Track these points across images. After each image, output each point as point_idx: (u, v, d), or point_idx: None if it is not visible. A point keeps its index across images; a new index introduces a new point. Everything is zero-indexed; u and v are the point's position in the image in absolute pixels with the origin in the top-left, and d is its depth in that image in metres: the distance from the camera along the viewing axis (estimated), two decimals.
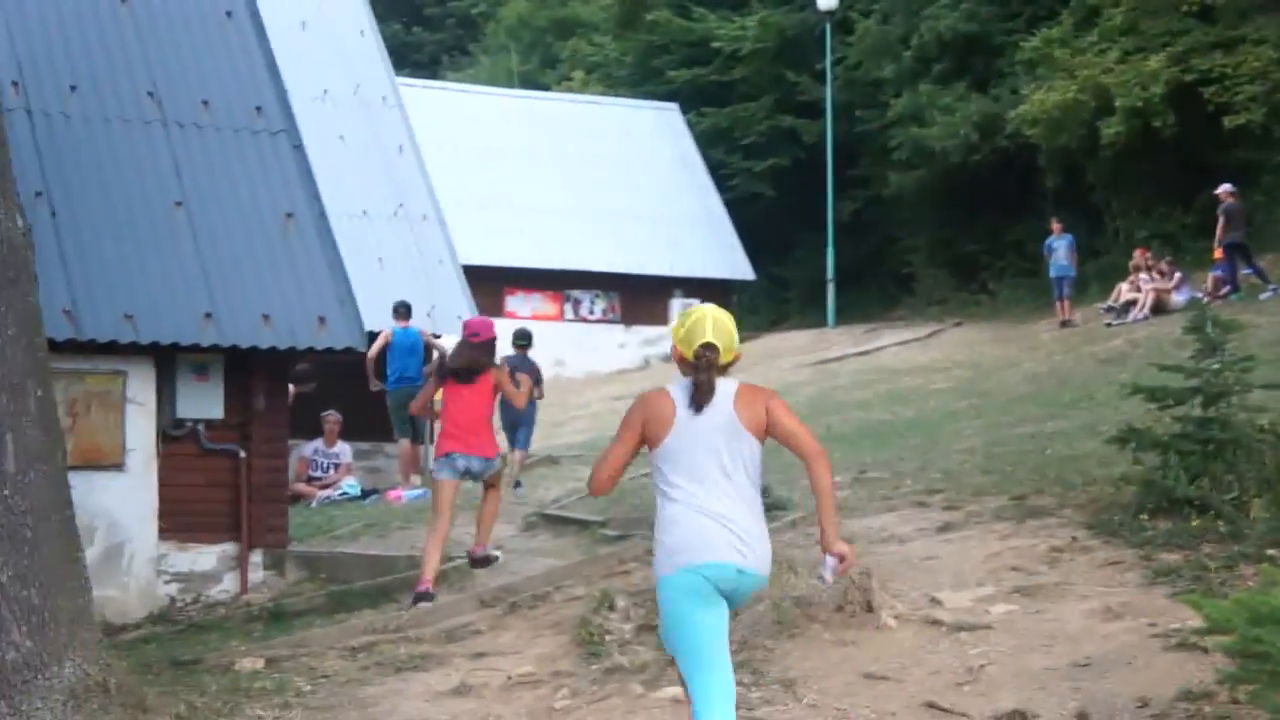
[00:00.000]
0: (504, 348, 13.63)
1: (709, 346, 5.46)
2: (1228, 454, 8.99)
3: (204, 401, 10.77)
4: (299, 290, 10.96)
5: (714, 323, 5.53)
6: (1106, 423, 12.85)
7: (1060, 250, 25.50)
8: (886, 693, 6.73)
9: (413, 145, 21.20)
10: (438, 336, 18.73)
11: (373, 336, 15.21)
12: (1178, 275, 23.83)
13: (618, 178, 37.28)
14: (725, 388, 5.51)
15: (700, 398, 5.46)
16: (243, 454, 10.87)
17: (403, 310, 16.93)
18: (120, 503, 10.21)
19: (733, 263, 36.85)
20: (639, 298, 35.63)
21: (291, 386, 16.18)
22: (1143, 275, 23.87)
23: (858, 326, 33.28)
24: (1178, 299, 22.71)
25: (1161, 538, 8.54)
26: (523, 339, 16.56)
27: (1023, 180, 31.87)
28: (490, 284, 31.69)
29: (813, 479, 5.68)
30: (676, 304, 35.72)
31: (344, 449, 16.78)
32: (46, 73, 11.29)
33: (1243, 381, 9.29)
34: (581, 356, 33.38)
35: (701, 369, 5.45)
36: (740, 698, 6.71)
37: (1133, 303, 23.71)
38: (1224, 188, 23.42)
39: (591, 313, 35.71)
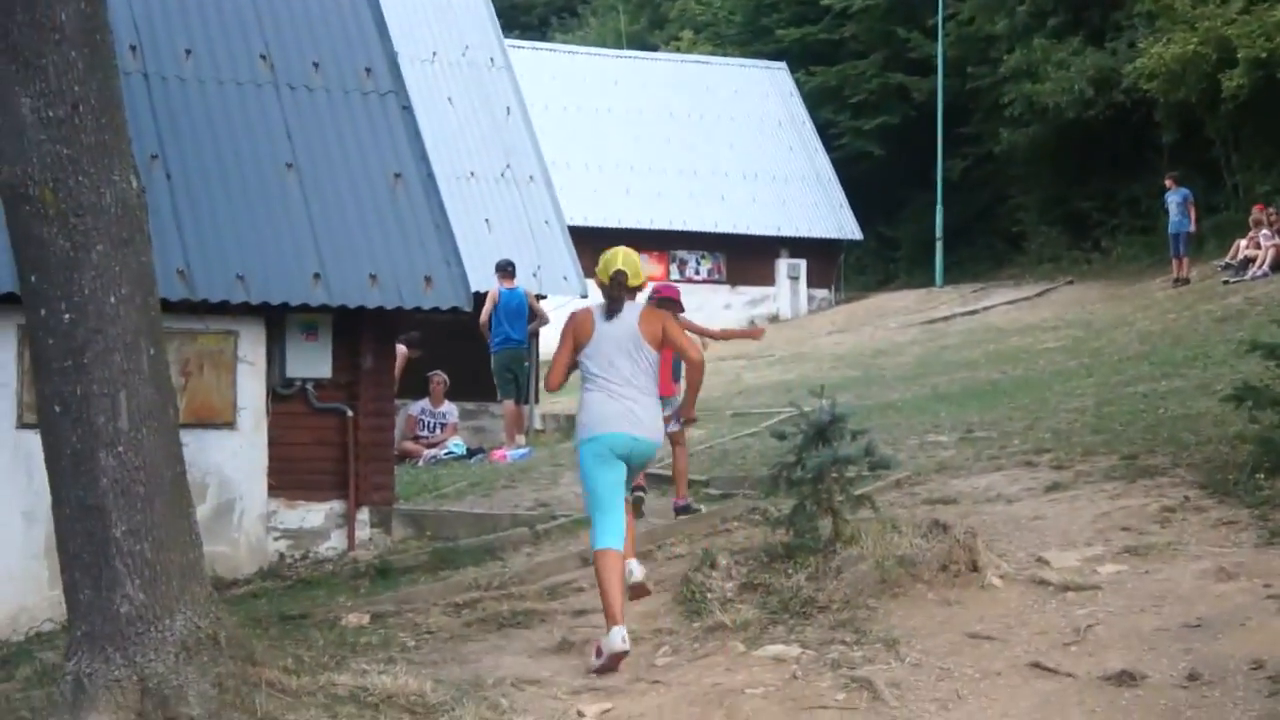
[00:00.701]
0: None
1: (619, 273, 7.44)
2: None
3: (313, 361, 10.90)
4: (406, 251, 11.04)
5: (624, 256, 7.53)
6: (1222, 382, 12.59)
7: (1173, 205, 24.94)
8: (991, 652, 6.65)
9: (520, 107, 21.30)
10: (542, 298, 18.84)
11: (479, 297, 15.32)
12: None
13: (725, 138, 37.18)
14: (631, 307, 7.51)
15: (611, 309, 7.44)
16: (350, 413, 10.99)
17: (509, 270, 17.00)
18: (231, 460, 10.39)
19: (840, 222, 36.61)
20: (745, 258, 35.56)
21: (403, 349, 16.45)
22: (1264, 231, 23.27)
23: (966, 286, 32.93)
24: None
25: (1278, 498, 8.35)
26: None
27: (1138, 136, 31.24)
28: (597, 244, 31.58)
29: (687, 375, 8.10)
30: (783, 264, 35.62)
31: (450, 409, 16.94)
32: (163, 36, 11.46)
33: None
34: (687, 317, 33.39)
35: (613, 288, 7.45)
36: (842, 656, 6.75)
37: (1251, 259, 23.15)
38: None
39: (697, 273, 35.70)
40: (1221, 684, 5.82)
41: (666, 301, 10.12)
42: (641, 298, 7.82)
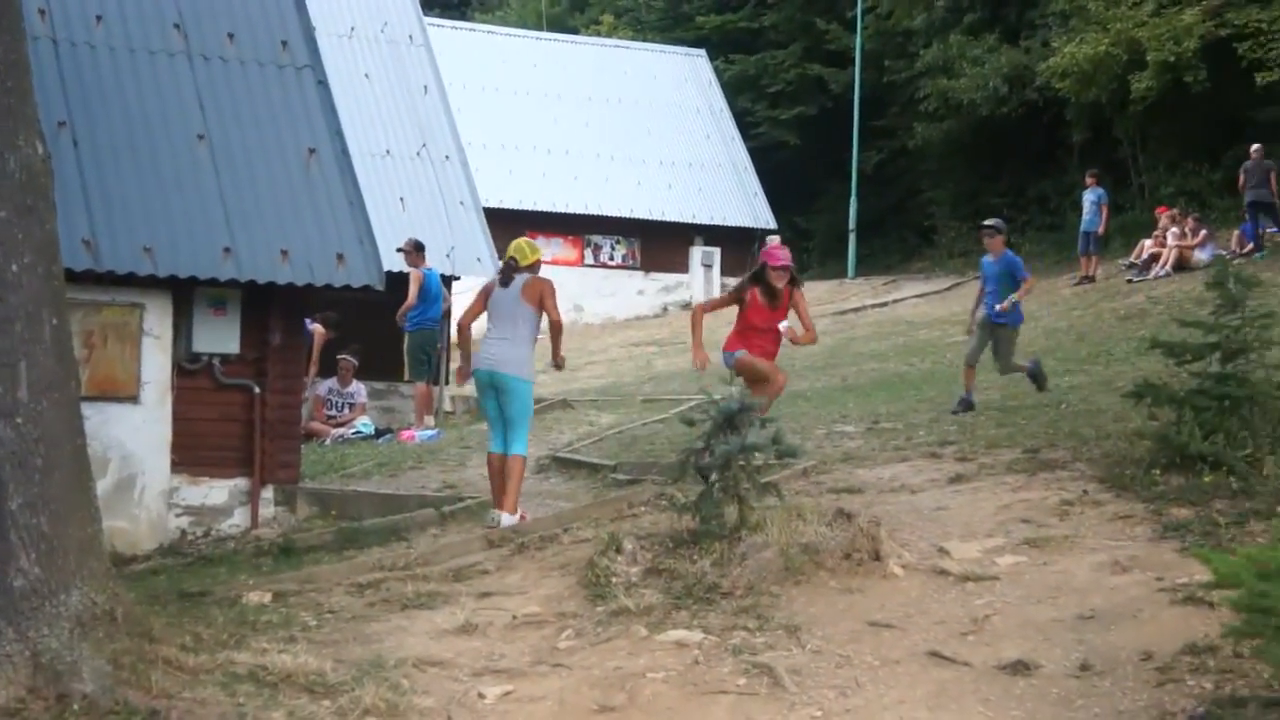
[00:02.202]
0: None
1: (510, 257, 9.99)
2: (1243, 410, 8.94)
3: (220, 336, 10.79)
4: (319, 227, 10.94)
5: (515, 246, 10.07)
6: (1123, 378, 12.82)
7: (1088, 203, 25.26)
8: (890, 641, 6.73)
9: (438, 86, 21.16)
10: (456, 279, 18.78)
11: (394, 276, 15.22)
12: (1203, 233, 23.64)
13: (643, 124, 37.18)
14: (520, 277, 9.92)
15: (504, 279, 10.00)
16: (257, 390, 10.89)
17: (422, 249, 16.84)
18: (134, 435, 10.26)
19: (755, 211, 36.76)
20: (659, 244, 35.62)
21: (320, 330, 16.31)
22: (1173, 230, 23.66)
23: (878, 278, 33.21)
24: (1200, 256, 22.58)
25: (1173, 493, 8.51)
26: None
27: (1049, 134, 31.66)
28: (511, 226, 31.45)
29: (552, 332, 10.09)
30: (697, 252, 35.71)
31: (359, 388, 16.83)
32: (73, 1, 11.24)
33: (1262, 338, 9.22)
34: (600, 302, 33.41)
35: (506, 267, 10.03)
36: (744, 642, 6.80)
37: (1155, 259, 23.55)
38: (1254, 146, 23.19)
39: (611, 258, 35.71)
40: (1112, 674, 5.94)
41: (781, 270, 10.67)
42: (522, 277, 9.97)
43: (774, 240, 10.84)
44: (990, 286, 13.75)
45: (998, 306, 13.52)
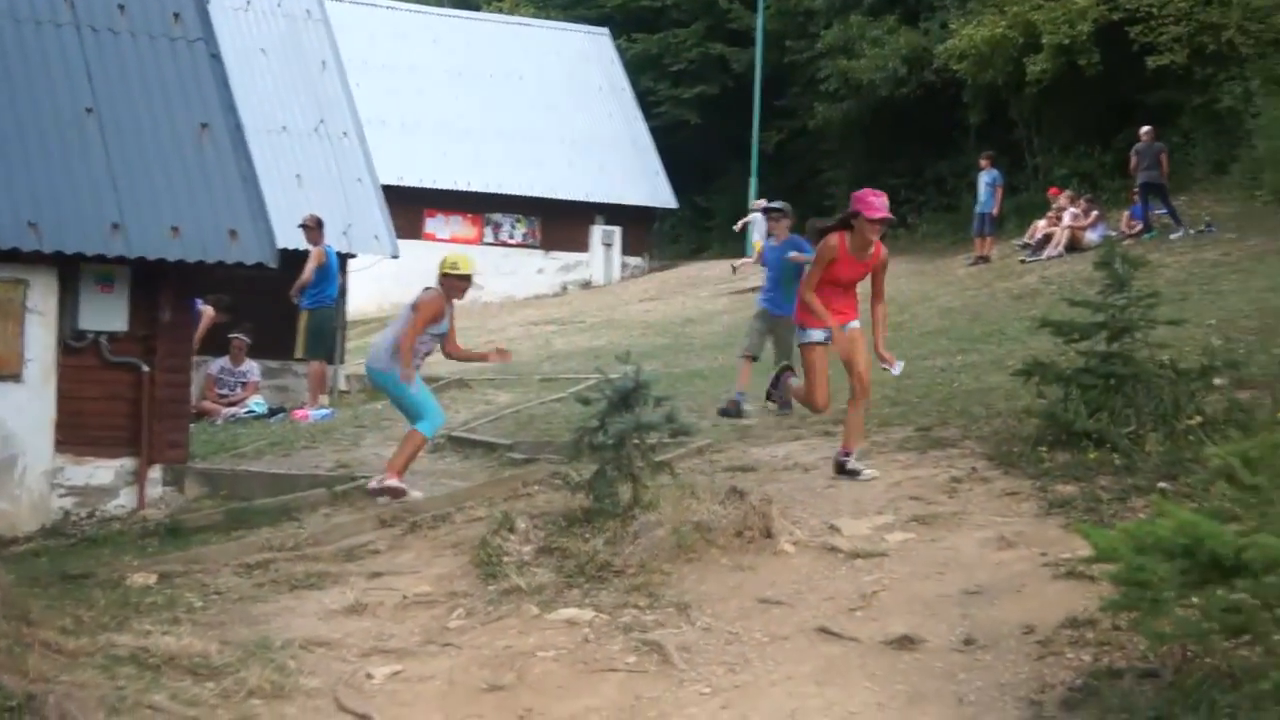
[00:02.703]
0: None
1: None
2: (1127, 389, 9.07)
3: (108, 313, 10.60)
4: (211, 203, 10.78)
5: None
6: (1015, 357, 12.95)
7: (983, 185, 25.55)
8: (780, 617, 6.77)
9: (336, 62, 20.90)
10: (353, 256, 18.59)
11: (291, 254, 15.03)
12: (1094, 213, 24.01)
13: (544, 102, 37.01)
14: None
15: None
16: (146, 368, 10.71)
17: (322, 226, 16.60)
18: (15, 413, 10.05)
19: (656, 190, 36.77)
20: (560, 223, 35.51)
21: (210, 310, 16.05)
22: (1069, 210, 24.01)
23: None
24: (1092, 237, 22.91)
25: (1059, 470, 8.63)
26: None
27: (947, 115, 31.92)
28: (410, 205, 31.46)
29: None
30: (598, 230, 35.67)
31: (252, 367, 16.61)
32: None
33: (1147, 318, 9.36)
34: (499, 280, 33.19)
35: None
36: (635, 620, 6.80)
37: (1048, 239, 23.89)
38: (1143, 129, 23.57)
39: (511, 237, 35.55)
40: (995, 648, 6.01)
41: (879, 223, 9.16)
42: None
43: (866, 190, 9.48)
44: (774, 274, 13.10)
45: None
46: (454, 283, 10.31)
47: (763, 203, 27.40)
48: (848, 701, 5.71)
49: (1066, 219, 23.90)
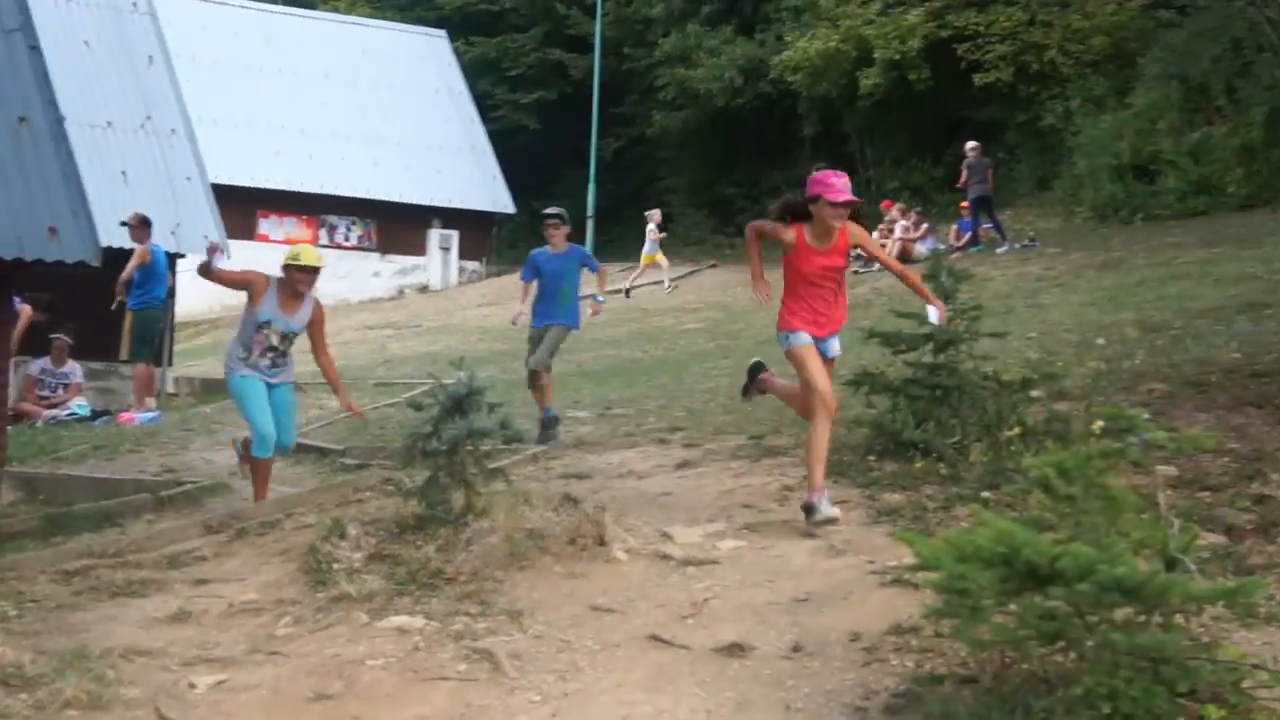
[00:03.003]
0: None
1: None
2: (953, 399, 9.29)
3: None
4: (29, 199, 10.41)
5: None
6: (846, 367, 13.15)
7: None
8: (611, 625, 6.77)
9: (164, 56, 20.45)
10: (181, 256, 18.19)
11: (114, 253, 14.65)
12: (924, 226, 24.56)
13: (381, 103, 36.70)
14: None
15: None
16: None
17: (148, 224, 16.22)
18: None
19: (493, 195, 36.67)
20: (396, 226, 35.22)
21: (28, 308, 15.56)
22: (900, 223, 24.52)
23: (615, 265, 33.42)
24: (921, 249, 23.43)
25: (886, 479, 8.79)
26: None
27: (783, 126, 32.41)
28: (243, 205, 30.92)
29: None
30: (435, 234, 35.43)
31: (74, 368, 16.17)
32: None
33: (971, 330, 9.58)
34: (334, 283, 32.73)
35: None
36: (466, 627, 6.75)
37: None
38: (970, 144, 24.18)
39: (347, 239, 35.15)
40: (822, 654, 6.09)
41: (842, 209, 8.35)
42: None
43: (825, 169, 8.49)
44: (552, 285, 12.30)
45: (591, 309, 12.63)
46: (295, 274, 9.86)
47: (658, 213, 27.53)
48: (677, 709, 5.74)
49: (898, 231, 24.42)
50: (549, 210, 13.24)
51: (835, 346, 8.61)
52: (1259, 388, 9.96)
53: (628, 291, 26.60)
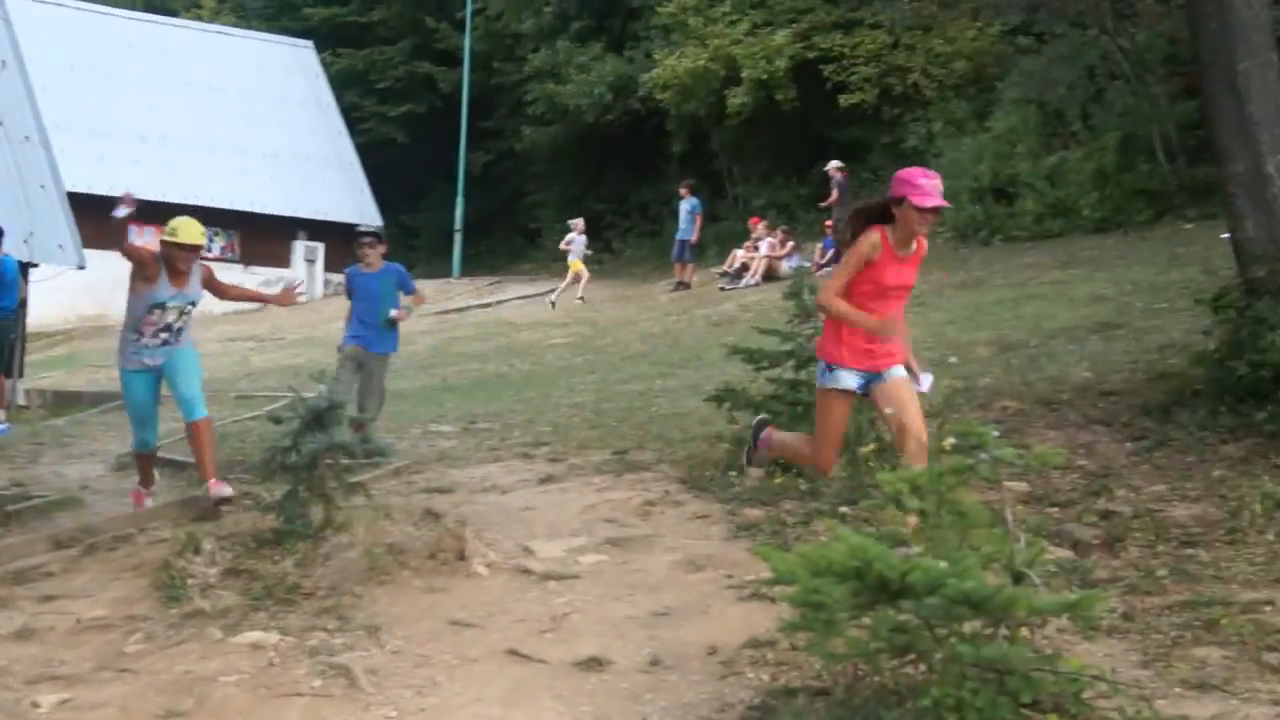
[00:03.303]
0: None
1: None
2: (813, 415, 9.38)
3: None
4: None
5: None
6: (711, 383, 13.27)
7: (683, 213, 26.17)
8: (470, 639, 6.74)
9: (17, 61, 19.92)
10: (34, 265, 17.76)
11: None
12: (790, 244, 24.86)
13: (246, 113, 36.21)
14: None
15: None
16: None
17: (0, 233, 15.81)
18: None
19: (361, 207, 36.35)
20: (261, 237, 34.76)
21: None
22: (766, 240, 24.78)
23: (483, 279, 33.36)
24: (786, 266, 23.69)
25: (748, 494, 8.87)
26: None
27: (652, 143, 32.60)
28: (101, 214, 30.17)
29: None
30: (300, 246, 35.03)
31: None
32: None
33: None
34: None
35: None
36: (323, 643, 6.67)
37: (746, 268, 24.61)
38: (833, 163, 24.52)
39: (210, 250, 34.54)
40: (680, 668, 6.12)
41: (932, 214, 7.28)
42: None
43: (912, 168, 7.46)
44: (369, 306, 11.81)
45: (393, 313, 11.81)
46: (174, 252, 9.28)
47: (581, 222, 27.36)
48: None
49: (764, 248, 24.68)
50: (364, 228, 12.64)
51: (899, 369, 7.35)
52: (1108, 406, 10.23)
53: (553, 303, 26.38)
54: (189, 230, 9.38)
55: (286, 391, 13.00)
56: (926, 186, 7.08)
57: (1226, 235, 10.42)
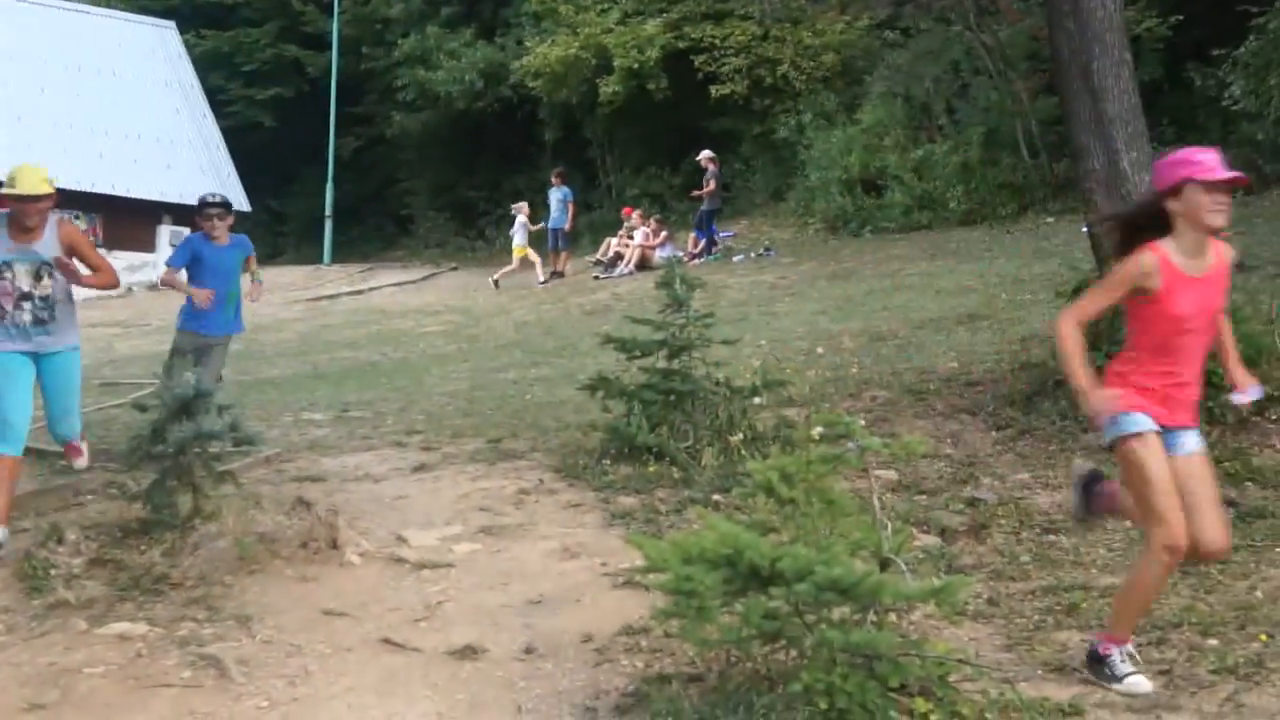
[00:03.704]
0: None
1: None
2: (686, 404, 9.50)
3: None
4: None
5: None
6: (586, 371, 13.33)
7: (555, 201, 26.18)
8: (344, 629, 6.72)
9: None
10: None
11: None
12: (664, 234, 24.99)
13: (105, 94, 35.39)
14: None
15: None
16: None
17: None
18: None
19: (227, 191, 35.63)
20: (124, 221, 34.01)
21: None
22: (640, 230, 24.88)
23: (354, 265, 33.07)
24: (660, 256, 23.82)
25: (621, 482, 8.95)
26: None
27: (524, 131, 32.55)
28: None
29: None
30: (165, 230, 34.38)
31: None
32: None
33: (704, 336, 9.82)
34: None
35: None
36: (192, 633, 6.60)
37: (620, 257, 24.69)
38: (705, 153, 24.70)
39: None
40: (555, 656, 6.17)
41: (1224, 206, 5.31)
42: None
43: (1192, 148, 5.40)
44: (217, 284, 10.39)
45: (248, 290, 10.71)
46: (14, 205, 8.17)
47: (525, 205, 26.93)
48: (408, 712, 5.73)
49: (638, 238, 24.78)
50: (210, 197, 10.87)
51: (1195, 439, 5.52)
52: (974, 396, 10.47)
53: (496, 283, 25.92)
54: (28, 179, 8.09)
55: (152, 379, 12.82)
56: (1208, 161, 5.28)
57: (1086, 229, 10.72)
